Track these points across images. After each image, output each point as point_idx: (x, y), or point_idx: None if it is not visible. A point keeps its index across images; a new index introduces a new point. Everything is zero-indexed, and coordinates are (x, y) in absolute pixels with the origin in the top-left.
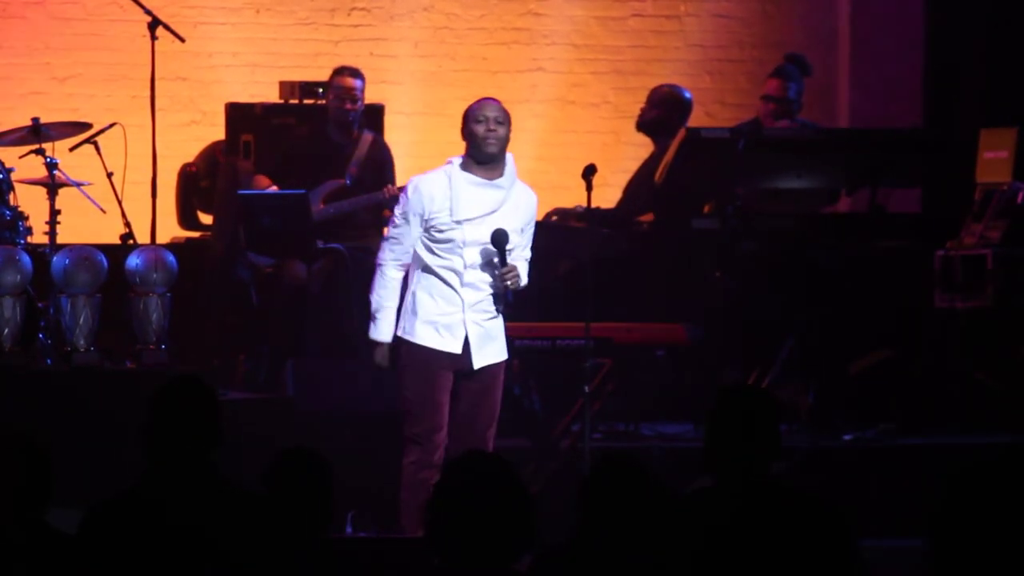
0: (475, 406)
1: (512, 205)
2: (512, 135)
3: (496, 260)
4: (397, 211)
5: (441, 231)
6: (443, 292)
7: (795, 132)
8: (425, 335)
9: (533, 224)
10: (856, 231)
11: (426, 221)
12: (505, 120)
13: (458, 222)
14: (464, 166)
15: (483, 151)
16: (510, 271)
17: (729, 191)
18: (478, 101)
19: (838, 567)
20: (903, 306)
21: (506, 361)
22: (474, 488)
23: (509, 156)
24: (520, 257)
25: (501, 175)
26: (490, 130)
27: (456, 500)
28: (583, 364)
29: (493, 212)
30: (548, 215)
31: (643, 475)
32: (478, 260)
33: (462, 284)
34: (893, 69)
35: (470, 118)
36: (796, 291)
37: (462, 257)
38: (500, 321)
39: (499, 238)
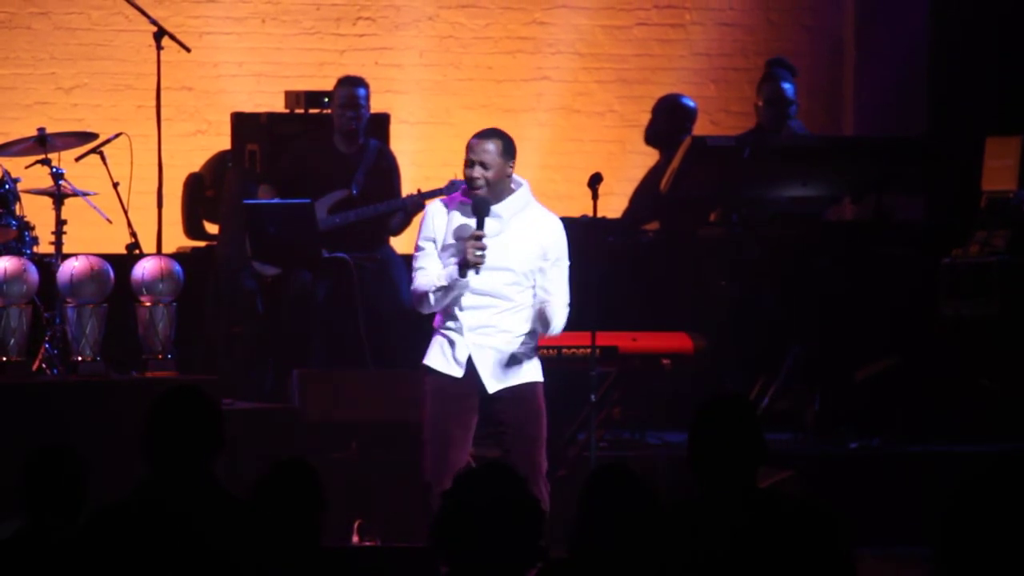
0: (510, 432)
1: (520, 231)
2: (517, 144)
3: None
4: (417, 244)
5: (444, 251)
6: (449, 316)
7: (800, 140)
8: (435, 359)
9: (561, 260)
10: (861, 239)
11: (435, 244)
12: (494, 162)
13: (453, 244)
14: (466, 193)
15: (471, 191)
16: (478, 241)
17: (734, 199)
18: (474, 136)
19: (830, 572)
20: (908, 314)
21: (539, 384)
22: (482, 500)
23: (523, 184)
24: (545, 297)
25: (500, 203)
26: (474, 177)
27: (463, 510)
28: (589, 373)
29: (491, 238)
30: None
31: (640, 484)
32: (479, 285)
33: (461, 308)
34: (898, 77)
35: (466, 153)
36: (801, 299)
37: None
38: (524, 344)
39: (478, 206)
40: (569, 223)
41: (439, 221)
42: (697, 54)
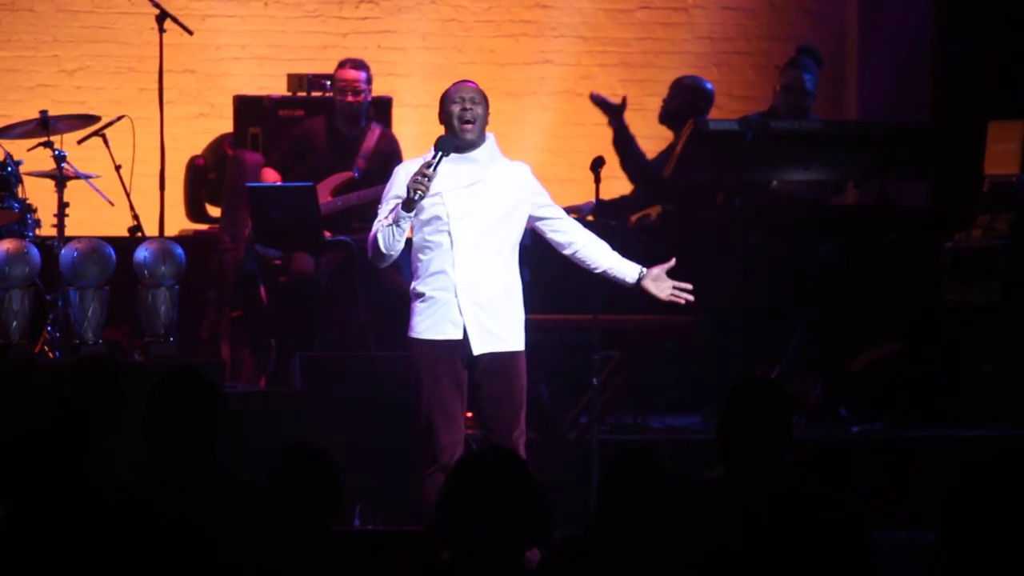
0: (492, 403)
1: (497, 179)
2: (520, 128)
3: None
4: (383, 199)
5: (424, 208)
6: (436, 276)
7: (804, 125)
8: (425, 329)
9: (543, 192)
10: (864, 224)
11: None
12: (481, 100)
13: (437, 194)
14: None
15: (461, 129)
16: (426, 169)
17: (737, 183)
18: (454, 84)
19: (848, 560)
20: (911, 299)
21: (522, 352)
22: (484, 483)
23: (489, 134)
24: (569, 225)
25: (477, 149)
26: (465, 109)
27: (466, 495)
28: (591, 356)
29: (473, 184)
30: None
31: (659, 469)
32: (469, 238)
33: (454, 265)
34: (901, 61)
35: (446, 100)
36: (804, 284)
37: (450, 234)
38: (512, 307)
39: (442, 141)
40: (571, 212)
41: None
42: (700, 38)
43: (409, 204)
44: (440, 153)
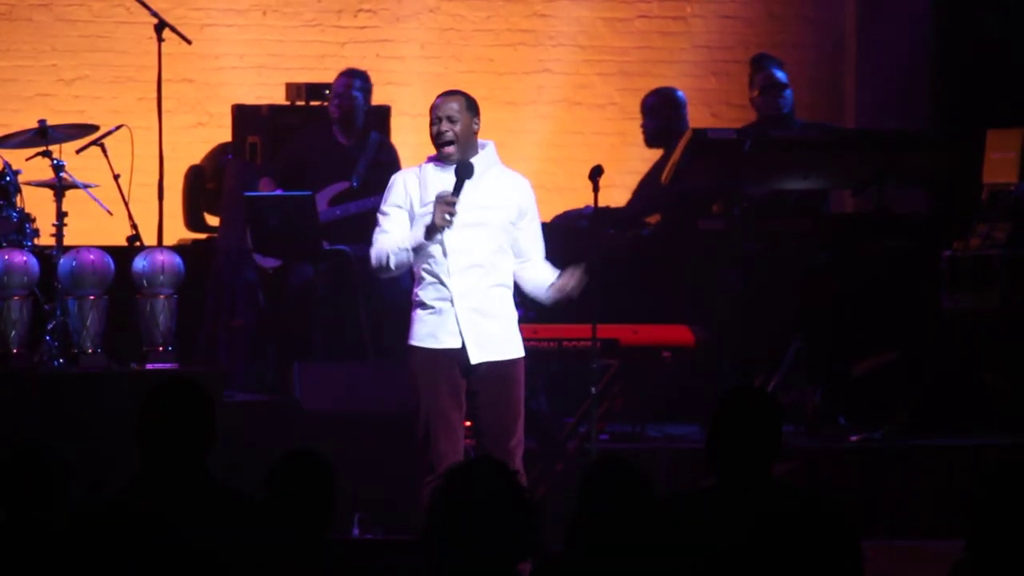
0: (489, 412)
1: (491, 189)
2: (518, 137)
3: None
4: (380, 210)
5: (418, 221)
6: (432, 285)
7: (801, 133)
8: (424, 336)
9: (534, 218)
10: (862, 232)
11: (408, 212)
12: (460, 116)
13: (429, 203)
14: (434, 159)
15: (439, 150)
16: (449, 205)
17: (735, 192)
18: (438, 96)
19: (839, 564)
20: (910, 307)
21: (521, 359)
22: (470, 492)
23: (488, 144)
24: (526, 258)
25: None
26: (442, 132)
27: (452, 504)
28: (590, 365)
29: (467, 195)
30: (555, 219)
31: (637, 478)
32: (463, 247)
33: (449, 274)
34: (900, 69)
35: (431, 115)
36: (803, 292)
37: (443, 244)
38: (509, 315)
39: (461, 168)
40: (572, 216)
41: (411, 187)
42: (698, 47)
43: (432, 233)
44: (463, 181)
